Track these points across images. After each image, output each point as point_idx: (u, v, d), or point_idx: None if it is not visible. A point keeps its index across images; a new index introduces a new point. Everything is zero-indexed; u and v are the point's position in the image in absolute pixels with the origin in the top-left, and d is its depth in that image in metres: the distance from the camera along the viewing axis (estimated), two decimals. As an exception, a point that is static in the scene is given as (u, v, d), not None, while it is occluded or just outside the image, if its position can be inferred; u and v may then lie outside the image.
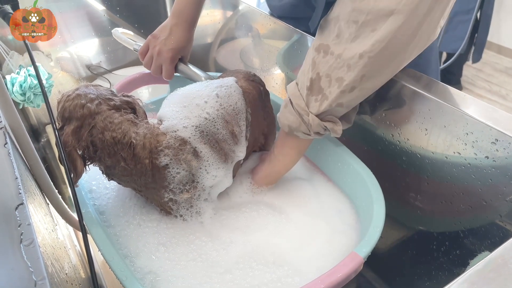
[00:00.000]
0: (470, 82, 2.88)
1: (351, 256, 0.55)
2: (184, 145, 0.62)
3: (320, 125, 0.61)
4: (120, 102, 0.63)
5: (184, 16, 0.84)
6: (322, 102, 0.60)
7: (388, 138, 0.75)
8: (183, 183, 0.63)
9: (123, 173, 0.62)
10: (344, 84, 0.57)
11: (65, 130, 0.60)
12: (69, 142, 0.59)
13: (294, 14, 0.90)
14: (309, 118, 0.61)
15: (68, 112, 0.60)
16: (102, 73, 1.30)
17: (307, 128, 0.63)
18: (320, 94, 0.60)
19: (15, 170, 0.46)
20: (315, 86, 0.60)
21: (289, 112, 0.64)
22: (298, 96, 0.63)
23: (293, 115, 0.63)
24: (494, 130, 0.58)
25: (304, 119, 0.62)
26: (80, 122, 0.60)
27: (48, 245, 0.49)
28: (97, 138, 0.60)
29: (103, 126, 0.60)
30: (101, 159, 0.61)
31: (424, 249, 0.75)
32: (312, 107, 0.61)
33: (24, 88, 0.98)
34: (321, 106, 0.60)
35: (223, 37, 1.19)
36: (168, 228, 0.65)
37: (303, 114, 0.62)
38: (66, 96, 0.61)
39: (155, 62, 0.84)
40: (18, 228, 0.39)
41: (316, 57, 0.60)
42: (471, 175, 0.63)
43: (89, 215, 0.62)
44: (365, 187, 0.66)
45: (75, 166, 0.60)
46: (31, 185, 0.59)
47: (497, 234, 0.62)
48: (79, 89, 0.62)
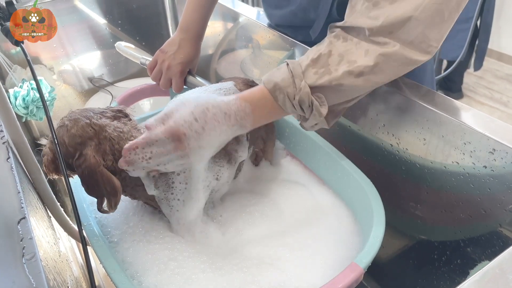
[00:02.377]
0: (471, 89, 2.89)
1: (351, 266, 0.55)
2: None
3: (308, 96, 0.59)
4: (113, 112, 0.64)
5: (191, 30, 0.87)
6: (322, 76, 0.59)
7: (387, 148, 0.75)
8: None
9: (137, 183, 0.62)
10: (355, 66, 0.57)
11: (87, 153, 0.57)
12: (97, 161, 0.56)
13: (293, 23, 0.91)
14: (301, 83, 0.59)
15: (79, 136, 0.57)
16: (104, 86, 1.31)
17: (294, 91, 0.59)
18: (323, 68, 0.59)
19: (17, 184, 0.47)
20: (321, 60, 0.59)
21: (281, 72, 0.61)
22: (297, 63, 0.61)
23: (285, 74, 0.60)
24: (491, 140, 0.58)
25: (296, 82, 0.59)
26: (96, 139, 0.58)
27: (50, 259, 0.49)
28: (114, 150, 0.59)
29: (117, 135, 0.59)
30: (117, 170, 0.60)
31: (425, 258, 0.75)
32: (309, 77, 0.59)
33: (27, 101, 0.99)
34: (319, 79, 0.59)
35: (224, 49, 1.21)
36: (179, 242, 0.66)
37: (297, 77, 0.59)
38: (65, 126, 0.59)
39: (165, 76, 0.86)
40: (20, 242, 0.40)
41: (334, 41, 0.60)
42: (469, 185, 0.63)
43: (90, 228, 0.62)
44: (365, 197, 0.66)
45: (112, 183, 0.57)
46: (33, 198, 0.59)
47: (497, 243, 0.62)
48: (71, 115, 0.60)
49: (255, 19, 1.04)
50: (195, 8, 0.87)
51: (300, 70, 0.60)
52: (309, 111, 0.60)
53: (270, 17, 0.99)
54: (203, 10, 0.88)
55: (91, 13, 1.25)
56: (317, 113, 0.60)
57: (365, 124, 0.78)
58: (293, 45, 0.92)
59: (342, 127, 0.83)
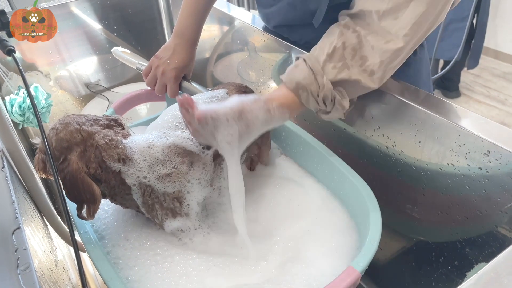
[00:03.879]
0: (468, 88, 2.89)
1: (348, 270, 0.55)
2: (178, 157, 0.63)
3: (331, 91, 0.61)
4: (107, 120, 0.64)
5: (186, 35, 0.87)
6: (341, 71, 0.60)
7: (383, 150, 0.75)
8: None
9: (127, 192, 0.63)
10: (366, 64, 0.59)
11: (71, 159, 0.57)
12: (79, 168, 0.57)
13: (290, 20, 0.90)
14: (323, 79, 0.60)
15: (66, 141, 0.58)
16: (101, 91, 1.31)
17: (317, 89, 0.61)
18: (341, 62, 0.60)
19: (12, 194, 0.47)
20: (337, 53, 0.60)
21: (300, 70, 0.62)
22: (314, 59, 0.62)
23: (305, 72, 0.61)
24: (486, 141, 0.58)
25: (318, 78, 0.60)
26: (82, 146, 0.58)
27: (46, 268, 0.49)
28: (101, 158, 0.59)
29: (105, 143, 0.59)
30: (106, 180, 0.60)
31: (423, 260, 0.75)
32: (328, 72, 0.60)
33: (23, 108, 0.99)
34: (339, 74, 0.60)
35: (220, 52, 1.21)
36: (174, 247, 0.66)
37: (318, 74, 0.60)
38: (55, 129, 0.59)
39: (159, 81, 0.87)
40: (15, 253, 0.40)
41: (344, 31, 0.61)
42: (465, 186, 0.63)
43: (87, 236, 0.62)
44: (361, 200, 0.66)
45: (92, 191, 0.57)
46: (29, 207, 0.59)
47: (494, 244, 0.62)
48: (64, 119, 0.60)
49: (250, 23, 1.04)
50: (190, 13, 0.87)
51: (319, 66, 0.61)
52: (331, 105, 0.62)
53: (266, 18, 0.98)
54: (198, 15, 0.88)
55: (87, 18, 1.25)
56: (340, 106, 0.62)
57: (360, 127, 0.78)
58: (288, 48, 0.93)
59: (338, 130, 0.83)
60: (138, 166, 0.61)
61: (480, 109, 2.66)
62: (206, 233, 0.67)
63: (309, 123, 0.92)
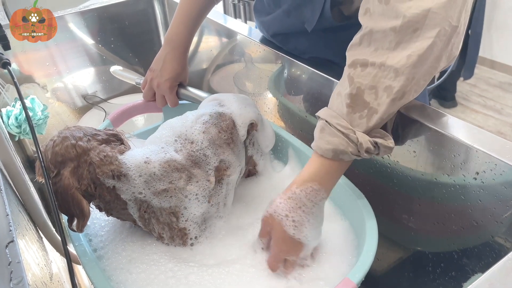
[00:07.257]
0: (464, 97, 2.91)
1: (344, 282, 0.55)
2: (176, 172, 0.63)
3: (370, 142, 0.56)
4: (106, 135, 0.64)
5: (175, 42, 0.87)
6: (370, 117, 0.56)
7: (379, 160, 0.76)
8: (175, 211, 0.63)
9: (123, 207, 0.63)
10: (394, 92, 0.54)
11: (63, 174, 0.57)
12: (71, 184, 0.57)
13: (285, 28, 0.90)
14: (356, 136, 0.56)
15: (61, 155, 0.58)
16: (98, 102, 1.31)
17: (356, 147, 0.56)
18: (366, 108, 0.56)
19: (6, 206, 0.46)
20: (357, 101, 0.56)
21: (329, 135, 0.58)
22: (336, 116, 0.58)
23: (336, 137, 0.57)
24: (480, 152, 0.59)
25: (350, 138, 0.56)
26: (76, 162, 0.58)
27: (39, 282, 0.49)
28: (94, 174, 0.59)
29: (99, 160, 0.59)
30: (100, 195, 0.60)
31: (420, 270, 0.75)
32: (358, 124, 0.56)
33: (20, 120, 0.99)
34: (370, 122, 0.56)
35: (218, 63, 1.22)
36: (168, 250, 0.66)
37: (349, 133, 0.56)
38: (52, 142, 0.59)
39: (158, 94, 0.88)
40: (8, 267, 0.39)
41: (352, 73, 0.56)
42: (460, 196, 0.63)
43: (82, 248, 0.62)
44: (358, 210, 0.66)
45: (81, 207, 0.58)
46: (23, 220, 0.59)
47: (490, 255, 0.62)
48: (62, 133, 0.61)
49: (247, 35, 1.05)
50: (182, 20, 0.88)
51: (345, 122, 0.57)
52: (377, 150, 0.58)
53: (263, 27, 0.98)
54: (191, 23, 0.88)
55: (84, 30, 1.25)
56: (386, 149, 0.58)
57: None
58: (283, 60, 0.93)
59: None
60: (133, 182, 0.61)
61: (476, 119, 2.68)
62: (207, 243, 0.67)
63: (305, 133, 0.92)
